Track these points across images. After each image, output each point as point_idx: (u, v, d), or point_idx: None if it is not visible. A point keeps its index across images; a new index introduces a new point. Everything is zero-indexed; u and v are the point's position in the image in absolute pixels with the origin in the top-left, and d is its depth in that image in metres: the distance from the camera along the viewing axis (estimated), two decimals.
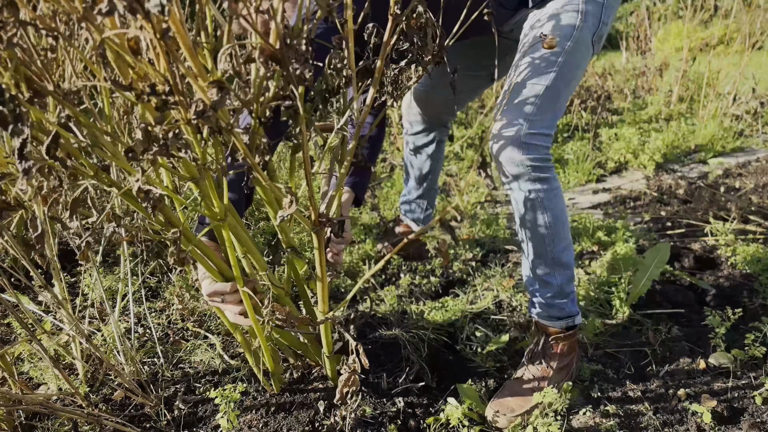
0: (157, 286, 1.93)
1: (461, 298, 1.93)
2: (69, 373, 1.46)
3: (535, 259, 1.43)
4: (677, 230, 2.53)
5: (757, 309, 1.87)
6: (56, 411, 1.14)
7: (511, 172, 1.35)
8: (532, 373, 1.47)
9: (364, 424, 1.32)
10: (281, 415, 1.34)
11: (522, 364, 1.51)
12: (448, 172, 3.20)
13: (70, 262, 2.02)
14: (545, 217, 1.38)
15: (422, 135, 2.04)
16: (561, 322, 1.47)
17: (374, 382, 1.45)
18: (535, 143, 1.31)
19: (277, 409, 1.35)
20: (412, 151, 2.09)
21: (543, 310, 1.48)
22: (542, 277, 1.44)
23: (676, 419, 1.39)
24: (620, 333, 1.78)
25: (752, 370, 1.54)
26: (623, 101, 4.92)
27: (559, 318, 1.47)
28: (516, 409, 1.38)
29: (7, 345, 1.56)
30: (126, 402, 1.39)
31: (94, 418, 1.20)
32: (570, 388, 1.41)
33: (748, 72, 4.36)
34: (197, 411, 1.39)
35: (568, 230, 1.43)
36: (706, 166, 3.56)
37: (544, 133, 1.32)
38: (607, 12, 1.40)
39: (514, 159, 1.32)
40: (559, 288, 1.44)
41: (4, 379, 1.30)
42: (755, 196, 2.88)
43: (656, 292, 1.98)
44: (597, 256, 2.21)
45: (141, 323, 1.74)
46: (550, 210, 1.37)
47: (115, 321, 1.42)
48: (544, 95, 1.32)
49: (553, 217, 1.38)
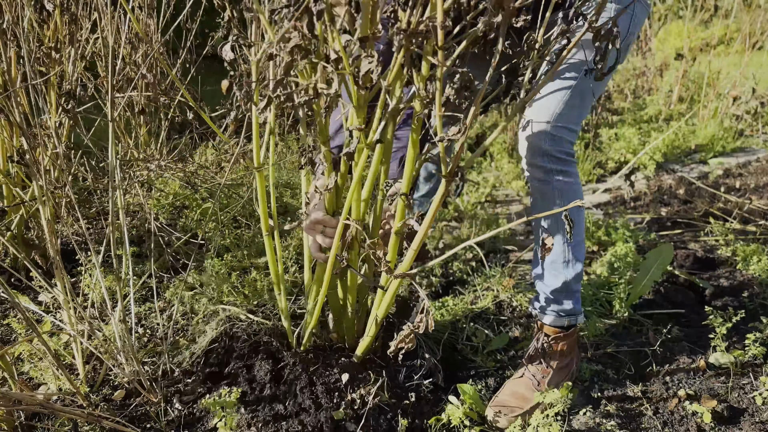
0: (158, 286, 1.93)
1: (461, 298, 1.93)
2: (69, 373, 1.46)
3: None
4: (677, 230, 2.53)
5: (757, 309, 1.87)
6: (56, 411, 1.14)
7: (535, 163, 1.38)
8: (532, 373, 1.47)
9: (379, 410, 1.32)
10: (303, 374, 1.33)
11: (522, 364, 1.51)
12: None
13: (70, 262, 2.02)
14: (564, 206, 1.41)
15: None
16: (564, 319, 1.48)
17: (394, 371, 1.46)
18: (561, 136, 1.35)
19: (301, 368, 1.35)
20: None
21: (547, 305, 1.49)
22: (552, 270, 1.45)
23: (676, 419, 1.39)
24: (620, 333, 1.78)
25: (752, 370, 1.54)
26: (623, 101, 4.92)
27: (562, 315, 1.48)
28: (516, 410, 1.38)
29: (7, 345, 1.56)
30: (126, 402, 1.39)
31: (94, 418, 1.20)
32: (570, 388, 1.41)
33: (748, 72, 4.36)
34: (197, 411, 1.39)
35: (583, 226, 1.46)
36: (706, 166, 3.56)
37: (570, 128, 1.37)
38: (635, 23, 1.43)
39: (539, 149, 1.36)
40: (567, 284, 1.45)
41: (4, 379, 1.30)
42: (755, 196, 2.88)
43: (656, 292, 1.98)
44: (597, 256, 2.21)
45: (141, 323, 1.74)
46: (568, 202, 1.40)
47: (116, 321, 1.42)
48: (572, 94, 1.36)
49: (570, 211, 1.40)
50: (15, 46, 1.57)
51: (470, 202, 2.77)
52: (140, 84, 2.41)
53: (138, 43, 2.38)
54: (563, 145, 1.36)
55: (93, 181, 2.20)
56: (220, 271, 1.80)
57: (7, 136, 1.77)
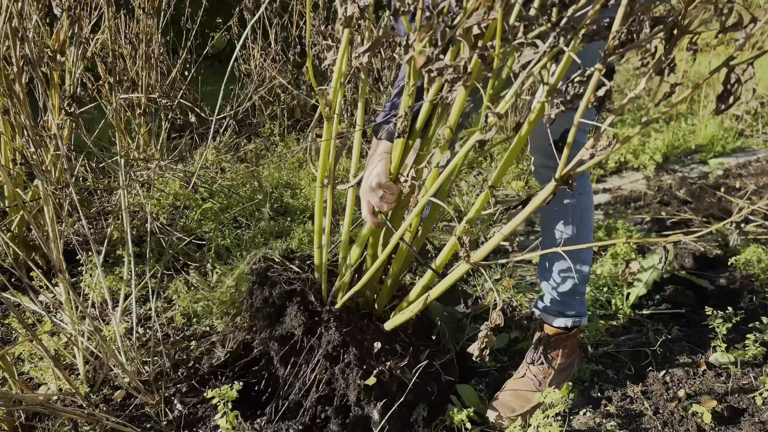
0: (158, 287, 1.93)
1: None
2: (69, 373, 1.46)
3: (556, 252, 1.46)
4: (677, 230, 2.53)
5: (757, 309, 1.87)
6: (56, 411, 1.14)
7: (546, 164, 1.41)
8: (534, 373, 1.47)
9: (399, 385, 1.30)
10: (337, 334, 1.32)
11: (523, 364, 1.51)
12: None
13: (70, 263, 2.02)
14: (577, 208, 1.40)
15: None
16: (568, 320, 1.48)
17: (416, 351, 1.43)
18: (577, 139, 1.36)
19: (335, 327, 1.34)
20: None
21: (552, 306, 1.49)
22: (559, 272, 1.46)
23: (676, 419, 1.39)
24: (620, 333, 1.78)
25: (752, 370, 1.55)
26: (623, 101, 4.91)
27: (567, 316, 1.48)
28: (517, 409, 1.38)
29: (7, 345, 1.56)
30: (126, 402, 1.39)
31: (95, 418, 1.20)
32: (570, 389, 1.41)
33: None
34: (197, 411, 1.39)
35: (592, 228, 1.48)
36: (706, 167, 3.55)
37: (581, 128, 1.37)
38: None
39: (548, 151, 1.36)
40: (575, 286, 1.46)
41: (5, 379, 1.30)
42: (756, 197, 2.88)
43: (656, 292, 1.98)
44: (598, 257, 2.21)
45: (142, 323, 1.74)
46: (580, 201, 1.41)
47: (116, 321, 1.42)
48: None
49: (584, 209, 1.41)
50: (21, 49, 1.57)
51: (470, 202, 2.77)
52: (141, 84, 2.41)
53: (138, 43, 2.39)
54: (577, 146, 1.37)
55: (94, 182, 2.20)
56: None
57: (8, 137, 1.77)
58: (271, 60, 3.14)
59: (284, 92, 3.37)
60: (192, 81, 2.85)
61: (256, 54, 3.15)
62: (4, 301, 1.03)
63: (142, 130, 2.51)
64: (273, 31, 3.13)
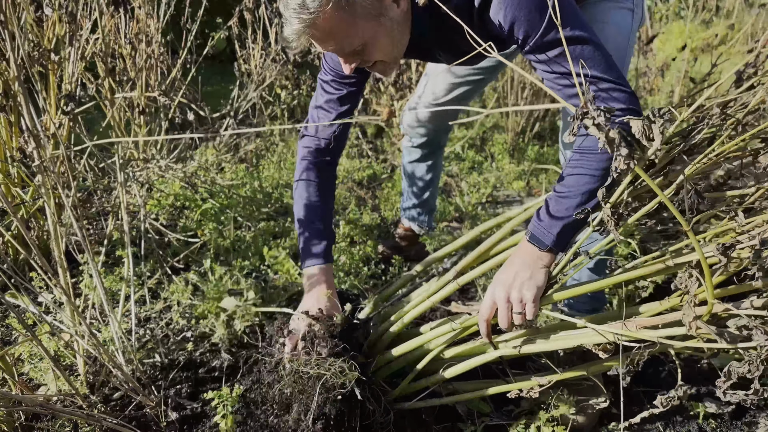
0: (157, 287, 1.93)
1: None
2: (69, 374, 1.46)
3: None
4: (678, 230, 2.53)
5: None
6: (56, 412, 1.14)
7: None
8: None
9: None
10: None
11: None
12: (449, 172, 3.20)
13: (70, 262, 2.02)
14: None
15: (424, 146, 2.01)
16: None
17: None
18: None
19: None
20: (415, 161, 2.06)
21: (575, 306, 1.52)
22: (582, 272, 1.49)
23: (678, 420, 1.39)
24: None
25: None
26: None
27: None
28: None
29: (7, 346, 1.56)
30: (126, 402, 1.39)
31: (94, 418, 1.20)
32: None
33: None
34: (197, 411, 1.38)
35: None
36: None
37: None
38: (636, 19, 1.48)
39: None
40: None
41: (4, 379, 1.30)
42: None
43: (657, 291, 1.97)
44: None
45: (141, 324, 1.74)
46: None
47: (116, 321, 1.41)
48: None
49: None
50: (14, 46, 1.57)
51: (471, 203, 2.77)
52: (140, 84, 2.41)
53: (138, 43, 2.38)
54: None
55: (93, 182, 2.20)
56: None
57: (6, 136, 1.77)
58: (271, 60, 3.14)
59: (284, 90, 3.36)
60: (192, 81, 2.85)
61: (256, 54, 3.15)
62: (4, 302, 1.03)
63: (141, 130, 2.51)
64: (273, 31, 3.12)
